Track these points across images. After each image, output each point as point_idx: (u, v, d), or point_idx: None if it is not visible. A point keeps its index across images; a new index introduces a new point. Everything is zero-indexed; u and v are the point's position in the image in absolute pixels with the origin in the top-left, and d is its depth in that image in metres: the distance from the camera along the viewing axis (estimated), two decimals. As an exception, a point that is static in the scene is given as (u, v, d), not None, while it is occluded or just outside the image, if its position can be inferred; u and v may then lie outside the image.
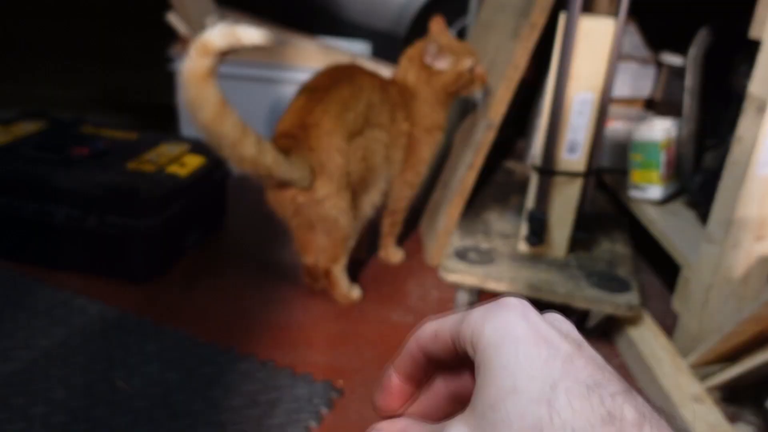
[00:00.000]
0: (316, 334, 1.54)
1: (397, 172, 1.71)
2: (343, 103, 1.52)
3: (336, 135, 1.49)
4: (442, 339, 0.36)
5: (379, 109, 1.59)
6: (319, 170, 1.48)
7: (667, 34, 2.13)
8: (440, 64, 1.65)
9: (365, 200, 1.62)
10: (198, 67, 1.24)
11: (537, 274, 1.54)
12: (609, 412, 0.29)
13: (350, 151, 1.52)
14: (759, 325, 1.22)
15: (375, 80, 1.63)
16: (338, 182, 1.50)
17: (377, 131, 1.59)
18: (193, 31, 2.32)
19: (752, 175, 1.26)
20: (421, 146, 1.73)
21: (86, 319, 1.50)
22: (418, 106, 1.69)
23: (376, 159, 1.60)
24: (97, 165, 1.72)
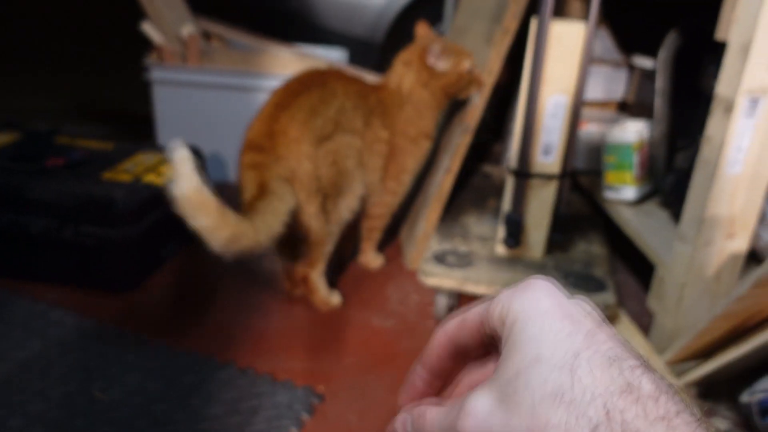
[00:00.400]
0: (296, 341, 1.54)
1: (376, 179, 1.71)
2: (311, 108, 1.53)
3: (303, 142, 1.50)
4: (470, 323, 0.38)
5: (352, 115, 1.59)
6: (290, 178, 1.49)
7: (638, 37, 2.17)
8: (442, 65, 1.66)
9: (342, 204, 1.63)
10: (189, 189, 1.23)
11: (515, 275, 1.56)
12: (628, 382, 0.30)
13: (319, 157, 1.52)
14: (731, 321, 1.25)
15: (351, 86, 1.63)
16: (308, 188, 1.51)
17: (349, 137, 1.59)
18: (168, 40, 2.32)
19: (721, 174, 1.29)
20: (405, 155, 1.72)
21: (63, 331, 1.48)
22: (405, 114, 1.69)
23: (348, 164, 1.60)
24: (73, 175, 1.70)
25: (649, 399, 0.30)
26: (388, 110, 1.68)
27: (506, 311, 0.35)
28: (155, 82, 2.32)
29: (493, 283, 1.52)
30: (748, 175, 1.29)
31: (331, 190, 1.57)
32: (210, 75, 2.32)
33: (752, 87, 1.23)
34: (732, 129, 1.26)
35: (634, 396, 0.30)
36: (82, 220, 1.60)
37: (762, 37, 1.19)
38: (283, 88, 1.61)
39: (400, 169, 1.73)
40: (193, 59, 2.31)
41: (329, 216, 1.59)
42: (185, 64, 2.32)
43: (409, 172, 1.76)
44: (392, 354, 1.52)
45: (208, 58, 2.32)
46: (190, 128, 2.36)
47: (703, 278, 1.38)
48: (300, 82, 1.61)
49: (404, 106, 1.69)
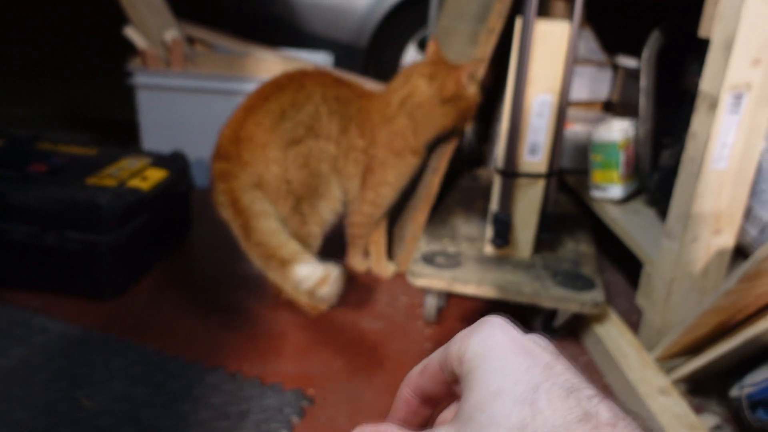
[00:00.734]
0: (284, 344, 1.53)
1: (354, 186, 1.67)
2: (280, 111, 1.52)
3: (270, 147, 1.50)
4: (430, 370, 0.39)
5: (327, 120, 1.57)
6: (258, 183, 1.49)
7: (622, 37, 2.18)
8: (471, 89, 1.64)
9: (321, 206, 1.61)
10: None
11: (503, 275, 1.56)
12: (586, 411, 0.31)
13: (288, 160, 1.51)
14: (719, 317, 1.25)
15: (331, 90, 1.60)
16: (277, 191, 1.51)
17: (323, 141, 1.57)
18: (151, 44, 2.30)
19: (707, 170, 1.29)
20: (385, 168, 1.67)
21: (47, 338, 1.46)
22: (395, 127, 1.63)
23: (322, 167, 1.58)
24: (56, 181, 1.68)
25: (607, 426, 0.30)
26: (369, 120, 1.64)
27: (463, 350, 0.36)
28: (139, 87, 2.30)
29: (482, 283, 1.52)
30: (733, 171, 1.30)
31: (305, 192, 1.56)
32: (194, 79, 2.31)
33: (736, 83, 1.24)
34: (716, 125, 1.26)
35: (592, 424, 0.30)
36: (66, 225, 1.58)
37: (745, 33, 1.20)
38: (257, 90, 1.60)
39: (379, 181, 1.68)
40: (177, 64, 2.30)
41: (306, 218, 1.58)
42: (169, 68, 2.31)
43: (390, 185, 1.69)
44: (382, 356, 1.51)
45: (192, 62, 2.30)
46: (175, 133, 2.35)
47: (691, 274, 1.38)
48: (275, 83, 1.60)
49: (397, 118, 1.63)
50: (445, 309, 1.73)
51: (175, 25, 2.45)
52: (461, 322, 1.67)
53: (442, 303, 1.70)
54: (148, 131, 2.38)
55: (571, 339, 1.62)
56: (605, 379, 1.47)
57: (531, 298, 1.49)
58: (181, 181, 1.90)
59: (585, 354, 1.56)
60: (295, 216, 1.56)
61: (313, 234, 1.60)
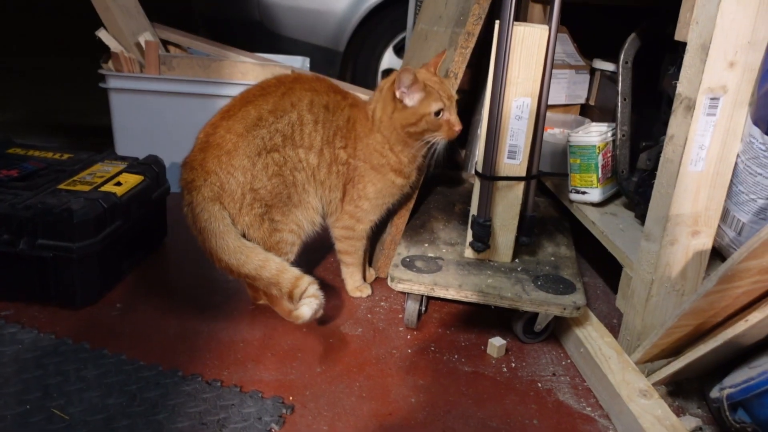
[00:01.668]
0: (263, 350, 1.50)
1: (335, 198, 1.64)
2: (257, 118, 1.50)
3: (237, 154, 1.48)
4: None
5: (311, 128, 1.54)
6: (219, 193, 1.48)
7: (599, 41, 2.20)
8: (408, 100, 1.53)
9: (297, 215, 1.57)
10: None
11: (484, 279, 1.55)
12: None
13: (257, 168, 1.49)
14: (698, 318, 1.26)
15: (321, 98, 1.57)
16: (240, 200, 1.49)
17: (302, 152, 1.54)
18: (125, 48, 2.27)
19: (684, 172, 1.30)
20: (364, 182, 1.62)
21: (19, 348, 1.42)
22: (373, 141, 1.59)
23: (298, 176, 1.54)
24: (27, 187, 1.64)
25: None
26: (354, 131, 1.60)
27: None
28: (112, 91, 2.27)
29: (462, 287, 1.51)
30: (710, 173, 1.31)
31: (276, 201, 1.53)
32: (168, 83, 2.27)
33: (712, 85, 1.24)
34: (693, 127, 1.27)
35: None
36: (37, 232, 1.54)
37: (720, 36, 1.21)
38: (243, 93, 1.58)
39: (359, 195, 1.64)
40: (151, 67, 2.26)
41: (277, 224, 1.55)
42: (143, 72, 2.27)
43: (369, 200, 1.64)
44: (362, 362, 1.49)
45: (167, 65, 2.27)
46: (149, 137, 2.31)
47: (670, 276, 1.39)
48: (262, 87, 1.58)
49: (373, 133, 1.59)
50: (426, 314, 1.72)
51: (149, 28, 2.42)
52: (442, 327, 1.66)
53: (423, 307, 1.69)
54: (122, 135, 2.34)
55: (552, 342, 1.62)
56: (587, 382, 1.47)
57: (512, 302, 1.49)
58: (156, 185, 1.87)
59: (566, 357, 1.56)
60: (263, 224, 1.53)
61: (285, 240, 1.57)
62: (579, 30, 2.26)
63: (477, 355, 1.55)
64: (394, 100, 1.54)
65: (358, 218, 1.67)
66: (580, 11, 2.01)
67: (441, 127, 1.54)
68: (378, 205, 1.67)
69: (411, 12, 2.75)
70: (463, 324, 1.68)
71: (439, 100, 1.52)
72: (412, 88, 1.51)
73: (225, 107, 1.56)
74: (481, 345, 1.59)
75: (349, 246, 1.72)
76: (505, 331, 1.63)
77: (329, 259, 1.96)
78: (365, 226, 1.70)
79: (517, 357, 1.56)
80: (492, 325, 1.67)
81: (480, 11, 1.65)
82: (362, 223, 1.68)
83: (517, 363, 1.53)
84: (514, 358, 1.55)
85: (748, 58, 1.23)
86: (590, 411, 1.38)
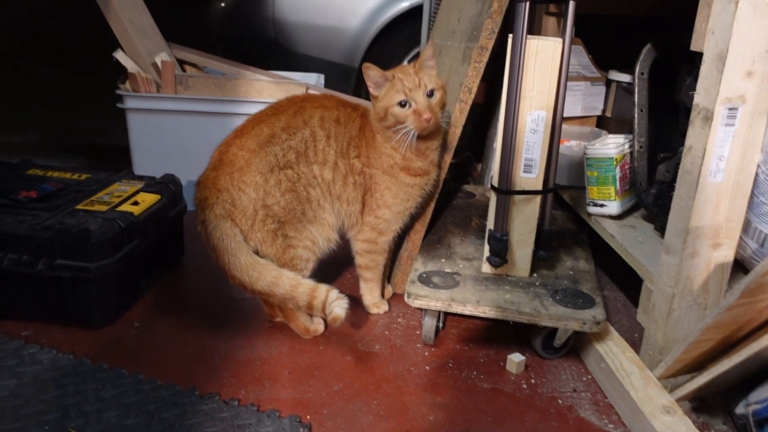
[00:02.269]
0: (280, 369, 1.50)
1: (354, 211, 1.63)
2: (270, 135, 1.51)
3: (249, 171, 1.49)
4: None
5: (325, 144, 1.55)
6: (230, 210, 1.49)
7: (614, 52, 2.18)
8: (379, 94, 1.53)
9: (312, 231, 1.57)
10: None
11: (502, 294, 1.53)
12: None
13: (270, 184, 1.49)
14: (722, 332, 1.23)
15: (331, 112, 1.58)
16: (252, 217, 1.50)
17: (317, 167, 1.54)
18: (142, 68, 2.29)
19: (704, 183, 1.28)
20: (380, 189, 1.61)
21: (38, 369, 1.43)
22: (377, 145, 1.59)
23: (312, 192, 1.54)
24: (46, 207, 1.66)
25: None
26: (365, 139, 1.60)
27: None
28: (129, 111, 2.29)
29: (480, 303, 1.49)
30: (730, 184, 1.29)
31: (289, 217, 1.53)
32: (185, 102, 2.29)
33: (730, 95, 1.23)
34: (712, 138, 1.25)
35: None
36: (55, 252, 1.55)
37: (737, 46, 1.19)
38: (255, 114, 1.59)
39: (378, 204, 1.62)
40: (168, 87, 2.29)
41: (291, 241, 1.55)
42: (160, 91, 2.29)
43: (388, 208, 1.62)
44: (379, 379, 1.48)
45: (183, 85, 2.29)
46: (167, 156, 2.33)
47: (692, 290, 1.36)
48: (275, 107, 1.59)
49: (375, 135, 1.59)
50: (444, 330, 1.70)
51: (166, 48, 2.45)
52: (461, 343, 1.64)
53: (441, 323, 1.67)
54: (140, 155, 2.36)
55: (572, 357, 1.59)
56: (608, 398, 1.44)
57: (530, 318, 1.47)
58: (173, 204, 1.88)
59: (587, 373, 1.54)
60: (276, 240, 1.53)
61: (299, 257, 1.57)
62: (594, 42, 2.25)
63: (496, 372, 1.53)
64: (374, 97, 1.56)
65: (380, 230, 1.66)
66: (594, 23, 2.01)
67: (408, 117, 1.50)
68: (398, 212, 1.65)
69: (425, 27, 2.75)
70: (481, 340, 1.66)
71: (401, 92, 1.49)
72: (379, 81, 1.53)
73: (238, 127, 1.58)
74: (500, 361, 1.57)
75: (370, 260, 1.71)
76: (524, 347, 1.61)
77: (345, 276, 1.96)
78: (387, 238, 1.69)
79: (537, 373, 1.53)
80: (511, 340, 1.65)
81: (493, 25, 1.65)
82: (384, 234, 1.67)
83: (536, 379, 1.51)
84: (534, 375, 1.53)
85: (766, 67, 1.21)
86: (612, 428, 1.35)
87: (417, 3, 2.97)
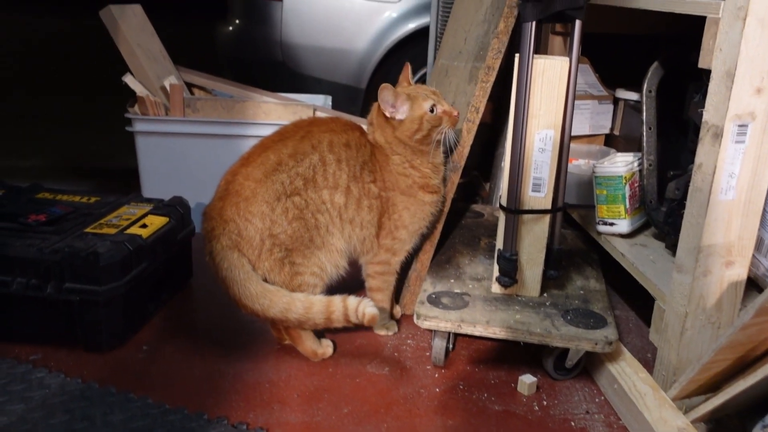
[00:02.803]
0: (289, 392, 1.48)
1: (368, 235, 1.62)
2: (276, 163, 1.50)
3: (256, 201, 1.48)
4: None
5: (335, 168, 1.54)
6: (237, 240, 1.49)
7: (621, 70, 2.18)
8: (399, 114, 1.56)
9: (320, 257, 1.55)
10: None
11: (512, 315, 1.52)
12: None
13: (276, 213, 1.48)
14: (737, 352, 1.21)
15: (341, 136, 1.57)
16: (259, 246, 1.49)
17: (326, 192, 1.53)
18: (151, 91, 2.31)
19: (715, 201, 1.27)
20: (398, 210, 1.62)
21: (46, 393, 1.42)
22: (393, 167, 1.60)
23: (320, 219, 1.53)
24: (55, 231, 1.66)
25: None
26: (378, 163, 1.61)
27: None
28: (138, 134, 2.31)
29: (490, 324, 1.48)
30: (742, 201, 1.27)
31: (296, 244, 1.51)
32: (193, 125, 2.31)
33: (739, 112, 1.22)
34: (722, 155, 1.24)
35: None
36: (64, 275, 1.55)
37: (745, 62, 1.19)
38: (262, 140, 1.59)
39: (396, 225, 1.63)
40: (176, 110, 2.30)
41: (298, 268, 1.53)
42: (168, 114, 2.31)
43: (407, 228, 1.64)
44: (389, 402, 1.46)
45: (191, 108, 2.31)
46: (175, 178, 2.34)
47: (705, 309, 1.34)
48: (281, 133, 1.59)
49: (391, 156, 1.60)
50: (454, 351, 1.69)
51: (174, 72, 2.47)
52: (471, 364, 1.62)
53: (451, 345, 1.66)
54: (148, 177, 2.37)
55: (585, 378, 1.57)
56: (622, 420, 1.42)
57: (541, 338, 1.45)
58: (181, 226, 1.88)
59: (600, 394, 1.52)
60: (284, 268, 1.52)
61: (306, 283, 1.55)
62: (600, 60, 2.25)
63: (507, 393, 1.51)
64: (387, 120, 1.58)
65: (394, 251, 1.67)
66: (600, 42, 2.01)
67: (442, 119, 1.57)
68: (414, 232, 1.67)
69: (431, 48, 2.77)
70: (492, 361, 1.64)
71: (427, 98, 1.56)
72: (397, 102, 1.55)
73: (245, 154, 1.57)
74: (511, 382, 1.55)
75: (382, 282, 1.71)
76: (535, 368, 1.59)
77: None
78: (400, 258, 1.69)
79: (549, 394, 1.51)
80: (522, 361, 1.63)
81: (500, 45, 1.66)
82: (398, 255, 1.68)
83: (548, 401, 1.49)
84: (546, 396, 1.51)
85: (775, 83, 1.20)
86: (627, 451, 1.33)
87: (423, 24, 3.00)
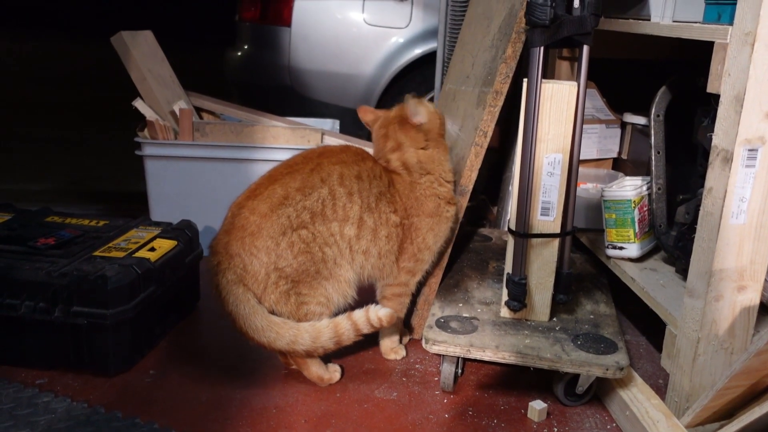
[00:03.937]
0: (296, 417, 1.47)
1: (389, 263, 1.62)
2: (282, 197, 1.49)
3: (261, 236, 1.47)
4: None
5: (346, 200, 1.52)
6: (242, 275, 1.48)
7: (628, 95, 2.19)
8: (421, 117, 1.60)
9: (327, 288, 1.53)
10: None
11: (521, 339, 1.51)
12: None
13: (282, 247, 1.47)
14: (751, 378, 1.20)
15: (351, 168, 1.56)
16: (264, 280, 1.48)
17: (335, 225, 1.51)
18: (161, 116, 2.33)
19: (726, 225, 1.26)
20: (422, 233, 1.63)
21: (52, 418, 1.41)
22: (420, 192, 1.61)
23: (327, 251, 1.51)
24: (64, 254, 1.67)
25: None
26: (398, 192, 1.61)
27: None
28: (147, 158, 2.32)
29: (499, 348, 1.47)
30: (753, 226, 1.27)
31: (302, 277, 1.50)
32: (202, 149, 2.32)
33: (749, 137, 1.22)
34: (732, 180, 1.24)
35: None
36: (72, 299, 1.55)
37: (755, 87, 1.19)
38: (269, 172, 1.58)
39: (420, 248, 1.64)
40: (185, 134, 2.32)
41: (304, 298, 1.52)
42: (177, 138, 2.32)
43: (430, 249, 1.66)
44: (398, 428, 1.44)
45: (200, 132, 2.32)
46: (184, 202, 2.35)
47: (717, 334, 1.33)
48: (289, 165, 1.58)
49: (418, 181, 1.62)
50: (463, 376, 1.67)
51: (184, 96, 2.49)
52: (480, 390, 1.61)
53: (460, 369, 1.64)
54: (157, 201, 2.38)
55: (596, 405, 1.55)
56: (634, 447, 1.40)
57: (551, 363, 1.44)
58: (189, 250, 1.88)
59: (611, 421, 1.49)
60: (290, 299, 1.51)
61: (312, 312, 1.53)
62: (607, 85, 2.26)
63: (517, 419, 1.49)
64: (418, 129, 1.61)
65: (413, 272, 1.67)
66: (607, 67, 2.01)
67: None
68: (435, 251, 1.69)
69: (438, 73, 2.78)
70: (501, 386, 1.62)
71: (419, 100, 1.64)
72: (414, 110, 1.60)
73: (252, 186, 1.56)
74: (521, 408, 1.53)
75: (397, 304, 1.70)
76: (545, 393, 1.57)
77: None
78: (418, 278, 1.70)
79: (560, 421, 1.49)
80: (532, 386, 1.61)
81: (507, 70, 1.66)
82: (417, 275, 1.69)
83: (559, 427, 1.47)
84: (556, 422, 1.49)
85: (785, 107, 1.20)
86: (640, 479, 1.31)
87: (430, 50, 3.02)
